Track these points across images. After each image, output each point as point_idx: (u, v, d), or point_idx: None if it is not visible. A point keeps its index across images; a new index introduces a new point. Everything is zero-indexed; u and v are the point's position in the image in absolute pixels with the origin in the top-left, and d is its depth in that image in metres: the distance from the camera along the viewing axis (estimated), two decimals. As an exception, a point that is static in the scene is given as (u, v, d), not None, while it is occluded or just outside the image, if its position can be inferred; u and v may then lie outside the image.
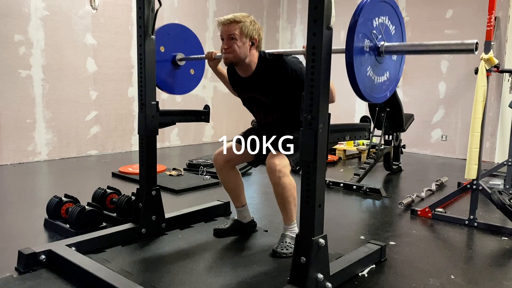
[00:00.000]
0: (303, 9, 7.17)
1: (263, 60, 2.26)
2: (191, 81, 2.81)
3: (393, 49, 1.78)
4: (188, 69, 2.76)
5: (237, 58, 2.20)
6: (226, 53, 2.20)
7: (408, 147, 5.66)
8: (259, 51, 2.27)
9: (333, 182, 3.91)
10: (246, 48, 2.19)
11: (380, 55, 1.77)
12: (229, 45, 2.18)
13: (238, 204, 2.57)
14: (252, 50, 2.23)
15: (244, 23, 2.16)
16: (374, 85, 1.76)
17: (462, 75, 5.61)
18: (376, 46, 1.74)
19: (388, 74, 1.85)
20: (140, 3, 2.34)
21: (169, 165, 4.54)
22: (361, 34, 1.65)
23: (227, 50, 2.19)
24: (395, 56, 1.90)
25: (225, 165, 2.45)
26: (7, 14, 4.37)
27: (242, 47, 2.18)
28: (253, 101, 2.37)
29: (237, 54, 2.18)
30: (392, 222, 2.96)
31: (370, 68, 1.73)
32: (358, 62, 1.64)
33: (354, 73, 1.62)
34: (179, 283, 1.94)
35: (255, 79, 2.28)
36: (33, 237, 2.52)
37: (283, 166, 2.13)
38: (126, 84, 5.48)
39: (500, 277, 2.11)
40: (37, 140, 4.72)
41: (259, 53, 2.27)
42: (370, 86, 1.73)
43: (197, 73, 2.82)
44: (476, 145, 2.68)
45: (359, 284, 2.00)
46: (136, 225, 2.45)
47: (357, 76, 1.63)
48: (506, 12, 5.27)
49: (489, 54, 2.63)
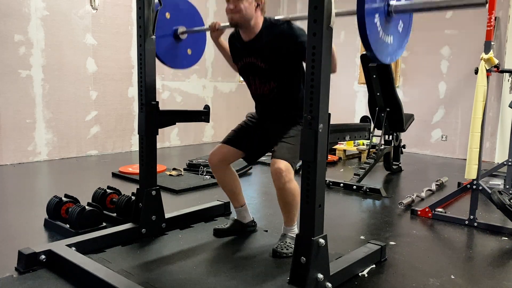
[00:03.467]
0: (303, 9, 7.17)
1: (268, 24, 2.24)
2: (192, 56, 2.79)
3: (402, 8, 1.78)
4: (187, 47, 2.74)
5: (243, 18, 2.17)
6: (232, 13, 2.17)
7: (408, 147, 5.66)
8: (264, 16, 2.26)
9: (333, 182, 3.91)
10: (252, 8, 2.17)
11: (390, 15, 1.76)
12: (235, 4, 2.15)
13: (237, 204, 2.57)
14: (257, 12, 2.21)
15: None
16: (379, 39, 1.74)
17: (462, 75, 5.61)
18: (388, 3, 1.73)
19: (392, 39, 1.83)
20: (140, 3, 2.34)
21: (169, 165, 4.54)
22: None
23: (234, 10, 2.16)
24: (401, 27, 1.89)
25: (220, 165, 2.44)
26: (7, 14, 4.37)
27: (248, 7, 2.16)
28: (251, 67, 2.32)
29: (243, 14, 2.16)
30: (392, 222, 2.96)
31: (378, 18, 1.70)
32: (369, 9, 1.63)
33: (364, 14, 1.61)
34: (179, 283, 1.94)
35: (258, 41, 2.25)
36: (33, 237, 2.52)
37: (288, 172, 2.11)
38: (126, 84, 5.48)
39: (500, 277, 2.11)
40: (37, 140, 4.72)
41: (264, 18, 2.26)
42: (376, 37, 1.70)
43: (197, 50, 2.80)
44: (476, 145, 2.68)
45: (359, 284, 2.00)
46: (136, 225, 2.45)
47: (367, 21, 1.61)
48: (506, 12, 5.27)
49: (489, 54, 2.63)
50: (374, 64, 3.95)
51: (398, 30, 1.88)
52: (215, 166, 2.46)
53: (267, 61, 2.25)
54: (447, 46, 5.69)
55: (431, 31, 5.78)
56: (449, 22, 5.65)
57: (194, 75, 6.28)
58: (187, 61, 2.78)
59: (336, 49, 1.91)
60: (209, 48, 6.78)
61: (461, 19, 5.54)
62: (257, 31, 2.24)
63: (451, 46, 5.66)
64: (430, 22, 5.76)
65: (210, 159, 2.47)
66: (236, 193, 2.54)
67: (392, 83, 4.03)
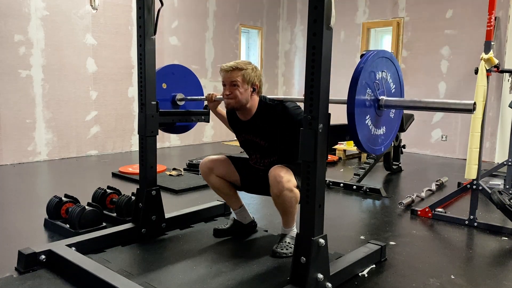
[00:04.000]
0: (303, 9, 7.17)
1: (263, 105, 2.31)
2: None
3: (392, 104, 1.84)
4: None
5: (239, 103, 2.25)
6: (228, 98, 2.25)
7: (408, 147, 5.66)
8: (259, 96, 2.32)
9: (333, 182, 3.91)
10: (248, 94, 2.25)
11: (380, 109, 1.84)
12: (231, 91, 2.23)
13: (235, 207, 2.57)
14: (253, 96, 2.28)
15: (246, 70, 2.22)
16: (371, 136, 1.82)
17: (462, 75, 5.61)
18: (377, 98, 1.80)
19: (384, 129, 1.90)
20: (140, 3, 2.34)
21: (169, 165, 4.54)
22: (363, 85, 1.74)
23: (229, 96, 2.24)
24: (393, 114, 1.97)
25: (208, 172, 2.45)
26: (7, 14, 4.37)
27: (244, 93, 2.23)
28: (251, 144, 2.40)
29: (239, 100, 2.24)
30: (392, 222, 2.96)
31: (369, 118, 1.79)
32: (358, 110, 1.71)
33: (354, 120, 1.69)
34: (179, 283, 1.94)
35: (254, 123, 2.33)
36: (33, 237, 2.52)
37: (288, 180, 2.08)
38: (126, 84, 5.48)
39: (500, 277, 2.11)
40: (37, 140, 4.72)
41: (260, 98, 2.32)
42: (368, 136, 1.79)
43: None
44: (476, 145, 2.68)
45: (359, 284, 2.00)
46: (136, 225, 2.45)
47: (357, 123, 1.70)
48: (506, 12, 5.27)
49: (489, 54, 2.63)
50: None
51: (390, 117, 1.97)
52: (204, 172, 2.47)
53: (267, 140, 2.32)
54: (447, 46, 5.69)
55: (431, 31, 5.78)
56: (449, 22, 5.65)
57: (194, 75, 6.27)
58: (189, 124, 2.82)
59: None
60: (209, 48, 6.80)
61: (461, 19, 5.54)
62: (253, 112, 2.32)
63: (451, 46, 5.66)
64: (430, 22, 5.76)
65: (201, 165, 2.48)
66: (231, 195, 2.54)
67: (392, 83, 4.03)
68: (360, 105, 1.72)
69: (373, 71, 1.79)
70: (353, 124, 1.70)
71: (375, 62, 1.80)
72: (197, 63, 6.26)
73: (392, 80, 1.93)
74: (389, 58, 1.89)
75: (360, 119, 1.72)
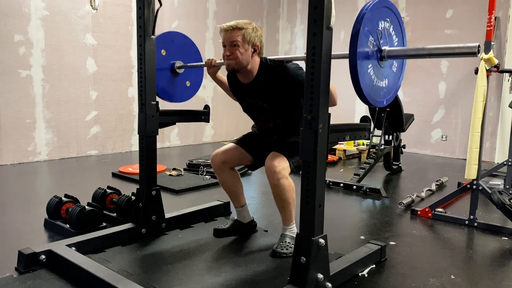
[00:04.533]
0: (303, 9, 7.17)
1: (264, 66, 2.26)
2: (189, 89, 2.81)
3: (395, 53, 1.79)
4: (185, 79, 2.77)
5: (239, 64, 2.20)
6: (228, 59, 2.21)
7: (408, 147, 5.66)
8: (260, 57, 2.28)
9: (333, 182, 3.91)
10: (248, 54, 2.20)
11: (382, 60, 1.78)
12: (232, 51, 2.18)
13: (238, 205, 2.57)
14: (254, 57, 2.23)
15: (247, 29, 2.17)
16: (374, 86, 1.76)
17: (462, 75, 5.61)
18: (379, 49, 1.75)
19: (386, 82, 1.86)
20: (140, 3, 2.34)
21: (169, 165, 4.54)
22: (366, 32, 1.67)
23: (230, 56, 2.20)
24: (395, 66, 1.91)
25: (222, 166, 2.44)
26: (7, 14, 4.37)
27: (244, 53, 2.19)
28: (254, 107, 2.37)
29: (240, 61, 2.19)
30: (392, 222, 2.96)
31: (372, 68, 1.73)
32: (361, 59, 1.65)
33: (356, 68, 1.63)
34: (179, 283, 1.94)
35: (256, 85, 2.29)
36: (33, 237, 2.52)
37: (282, 168, 2.12)
38: (126, 84, 5.48)
39: (500, 277, 2.11)
40: (37, 140, 4.72)
41: (261, 59, 2.28)
42: (370, 85, 1.73)
43: (194, 83, 2.82)
44: (476, 145, 2.68)
45: (359, 284, 2.00)
46: (136, 225, 2.45)
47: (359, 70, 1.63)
48: (506, 12, 5.27)
49: (489, 54, 2.63)
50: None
51: (392, 70, 1.91)
52: (217, 166, 2.45)
53: (269, 102, 2.29)
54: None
55: (431, 31, 5.78)
56: (449, 22, 5.65)
57: (194, 75, 6.27)
58: (187, 93, 2.80)
59: (334, 86, 1.93)
60: (209, 48, 6.81)
61: (461, 19, 5.54)
62: (254, 74, 2.27)
63: (451, 46, 5.66)
64: (430, 22, 5.76)
65: (213, 159, 2.45)
66: (238, 193, 2.54)
67: (392, 83, 4.03)
68: (362, 53, 1.66)
69: (376, 20, 1.72)
70: (355, 70, 1.63)
71: (378, 11, 1.73)
72: (197, 63, 6.24)
73: (394, 33, 1.86)
74: (391, 9, 1.82)
75: (362, 67, 1.66)
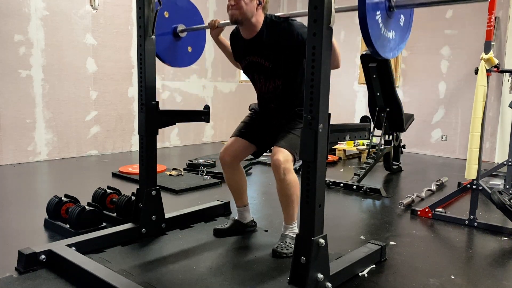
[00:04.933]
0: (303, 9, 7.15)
1: (268, 22, 2.22)
2: (191, 55, 2.78)
3: (404, 2, 1.76)
4: (187, 44, 2.72)
5: (244, 15, 2.15)
6: (232, 9, 2.16)
7: (408, 147, 5.66)
8: (265, 13, 2.24)
9: (333, 182, 3.91)
10: (253, 6, 2.16)
11: (391, 10, 1.75)
12: (236, 1, 2.14)
13: (240, 204, 2.56)
14: (258, 10, 2.19)
15: None
16: (381, 36, 1.73)
17: (462, 75, 5.61)
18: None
19: (394, 34, 1.82)
20: (140, 3, 2.34)
21: (169, 165, 4.54)
22: None
23: (234, 6, 2.15)
24: (402, 21, 1.88)
25: (232, 162, 2.42)
26: (7, 14, 4.36)
27: (249, 4, 2.14)
28: (255, 66, 2.31)
29: (244, 11, 2.14)
30: (392, 222, 2.96)
31: (380, 15, 1.69)
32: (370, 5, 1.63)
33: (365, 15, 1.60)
34: (179, 283, 1.94)
35: (259, 40, 2.24)
36: (33, 237, 2.52)
37: (287, 162, 2.12)
38: (126, 84, 5.48)
39: (500, 277, 2.11)
40: (37, 140, 4.72)
41: (265, 15, 2.24)
42: (378, 35, 1.69)
43: (196, 49, 2.79)
44: (476, 145, 2.68)
45: (359, 284, 2.00)
46: (136, 225, 2.45)
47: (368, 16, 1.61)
48: (506, 12, 5.26)
49: (489, 54, 2.63)
50: (374, 64, 3.95)
51: (399, 24, 1.87)
52: (227, 163, 2.43)
53: (271, 60, 2.24)
54: (447, 46, 5.69)
55: (431, 31, 5.78)
56: (449, 22, 5.65)
57: (194, 75, 6.27)
58: (188, 58, 2.77)
59: (337, 44, 1.90)
60: (209, 47, 6.81)
61: (461, 19, 5.54)
62: (258, 29, 2.23)
63: (451, 46, 5.66)
64: (430, 22, 5.75)
65: (222, 156, 2.43)
66: (242, 192, 2.54)
67: (392, 83, 4.03)
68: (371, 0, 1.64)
69: None
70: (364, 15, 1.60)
71: None
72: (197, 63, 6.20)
73: None
74: None
75: (371, 13, 1.64)
